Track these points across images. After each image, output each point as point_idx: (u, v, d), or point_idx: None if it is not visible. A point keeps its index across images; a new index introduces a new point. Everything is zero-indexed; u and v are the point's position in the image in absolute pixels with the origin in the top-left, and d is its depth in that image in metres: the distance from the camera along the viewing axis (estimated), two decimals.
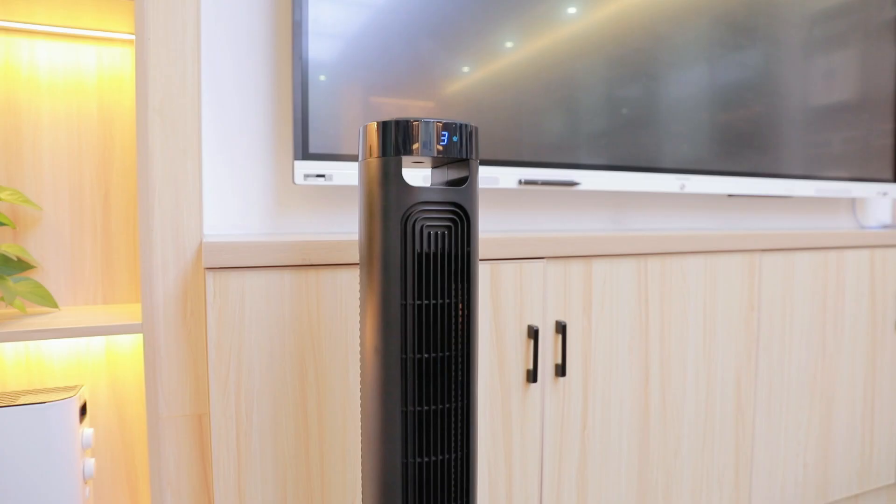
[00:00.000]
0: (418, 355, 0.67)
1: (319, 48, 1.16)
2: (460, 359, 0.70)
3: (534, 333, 1.07)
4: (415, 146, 0.66)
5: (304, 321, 0.94)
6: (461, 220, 0.69)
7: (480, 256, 1.03)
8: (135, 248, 1.20)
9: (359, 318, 0.78)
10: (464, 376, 0.70)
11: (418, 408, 0.68)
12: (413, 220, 0.66)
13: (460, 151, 0.69)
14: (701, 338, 1.27)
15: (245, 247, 0.90)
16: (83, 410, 1.06)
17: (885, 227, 1.91)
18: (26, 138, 1.13)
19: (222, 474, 0.92)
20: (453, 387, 0.69)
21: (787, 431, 1.41)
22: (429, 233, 0.67)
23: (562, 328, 1.10)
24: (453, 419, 0.70)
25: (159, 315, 1.00)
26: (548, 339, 1.11)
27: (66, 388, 1.06)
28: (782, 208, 1.85)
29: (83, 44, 1.15)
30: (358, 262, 0.96)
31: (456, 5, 1.25)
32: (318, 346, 0.95)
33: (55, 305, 1.08)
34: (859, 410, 1.52)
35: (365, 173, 0.69)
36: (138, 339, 1.20)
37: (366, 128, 0.69)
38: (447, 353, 0.69)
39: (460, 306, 0.69)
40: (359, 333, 0.78)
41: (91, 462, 1.06)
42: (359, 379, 0.98)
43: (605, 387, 1.17)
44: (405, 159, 0.70)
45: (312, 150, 1.16)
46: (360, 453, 0.99)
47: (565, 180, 1.37)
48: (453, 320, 0.69)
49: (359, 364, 0.98)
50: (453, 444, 0.70)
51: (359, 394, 0.99)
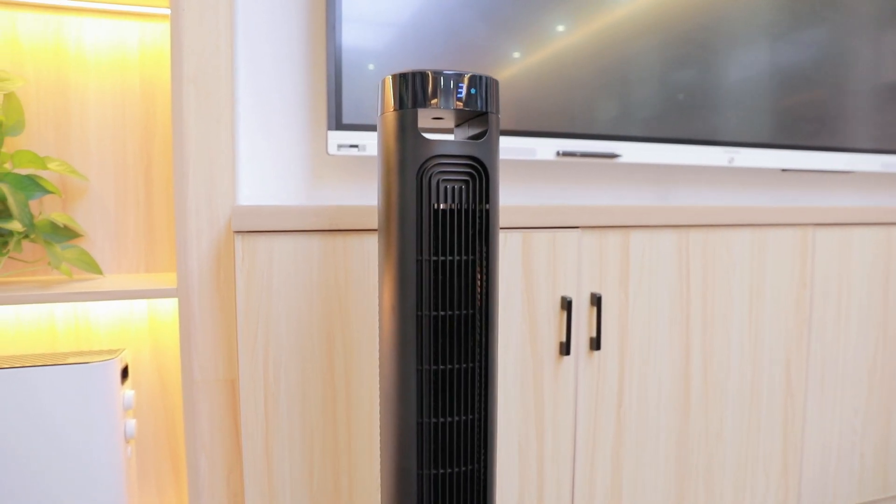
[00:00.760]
0: (434, 313, 0.66)
1: (353, 16, 1.15)
2: (479, 318, 0.68)
3: (567, 305, 1.04)
4: (432, 99, 0.65)
5: (331, 286, 0.94)
6: (479, 175, 0.67)
7: (511, 224, 1.01)
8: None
9: (377, 277, 0.77)
10: (483, 336, 0.68)
11: (434, 367, 0.67)
12: (429, 174, 0.65)
13: (479, 104, 0.67)
14: (747, 316, 1.21)
15: (272, 211, 0.90)
16: (125, 373, 1.10)
17: None
18: (74, 114, 1.17)
19: (250, 437, 0.94)
20: (472, 347, 0.68)
21: (843, 419, 1.33)
22: (445, 187, 0.66)
23: (597, 300, 1.06)
24: (471, 380, 0.68)
25: (194, 281, 1.02)
26: (582, 312, 1.08)
27: (109, 351, 1.10)
28: (842, 184, 1.74)
29: (126, 20, 1.18)
30: None
31: None
32: (346, 312, 0.95)
33: (100, 272, 1.12)
34: None
35: (382, 128, 0.68)
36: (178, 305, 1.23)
37: (384, 81, 0.68)
38: (465, 312, 0.67)
39: (479, 265, 0.67)
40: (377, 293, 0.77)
41: (132, 423, 1.10)
42: None
43: (642, 363, 1.13)
44: (424, 115, 0.69)
45: (346, 120, 1.16)
46: None
47: (606, 152, 1.33)
48: (471, 278, 0.67)
49: None
50: (471, 406, 0.68)
51: None
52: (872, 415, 1.36)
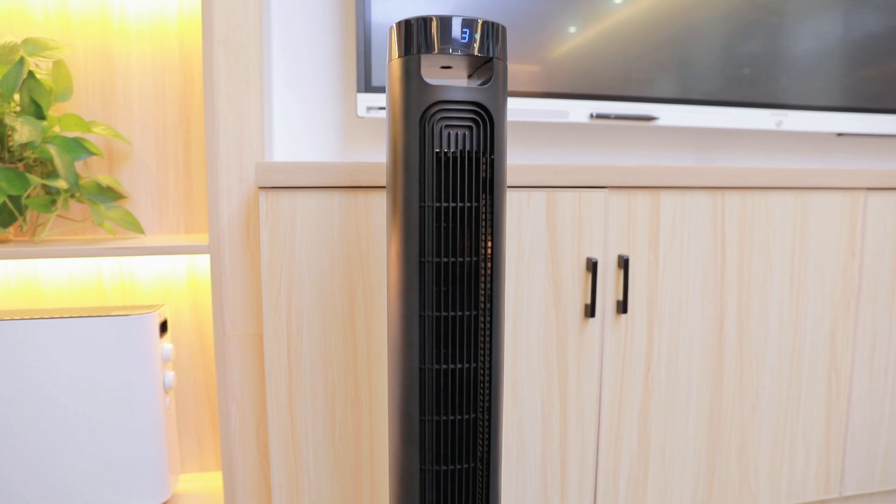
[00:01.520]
0: (436, 259, 0.66)
1: None
2: (485, 266, 0.68)
3: (592, 266, 1.02)
4: (436, 45, 0.65)
5: (352, 242, 0.96)
6: (483, 122, 0.66)
7: (535, 183, 1.00)
8: None
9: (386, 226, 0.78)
10: (489, 284, 0.68)
11: (436, 314, 0.67)
12: (432, 119, 0.65)
13: (484, 50, 0.66)
14: (788, 283, 1.16)
15: (295, 167, 0.92)
16: (164, 327, 1.16)
17: None
18: (118, 81, 1.22)
19: (274, 389, 0.97)
20: (477, 295, 0.68)
21: (894, 396, 1.26)
22: (449, 133, 0.65)
23: (624, 263, 1.04)
24: (476, 328, 0.68)
25: (224, 237, 1.05)
26: (609, 274, 1.06)
27: (149, 306, 1.15)
28: None
29: None
30: None
31: None
32: (367, 267, 0.97)
33: (141, 231, 1.17)
34: None
35: (389, 76, 0.68)
36: None
37: (390, 29, 0.68)
38: (471, 259, 0.67)
39: (484, 212, 0.67)
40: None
41: (171, 374, 1.15)
42: None
43: (672, 328, 1.10)
44: (431, 63, 0.69)
45: (375, 82, 1.17)
46: None
47: (642, 115, 1.29)
48: (476, 226, 0.67)
49: None
50: (476, 354, 0.69)
51: None
52: None
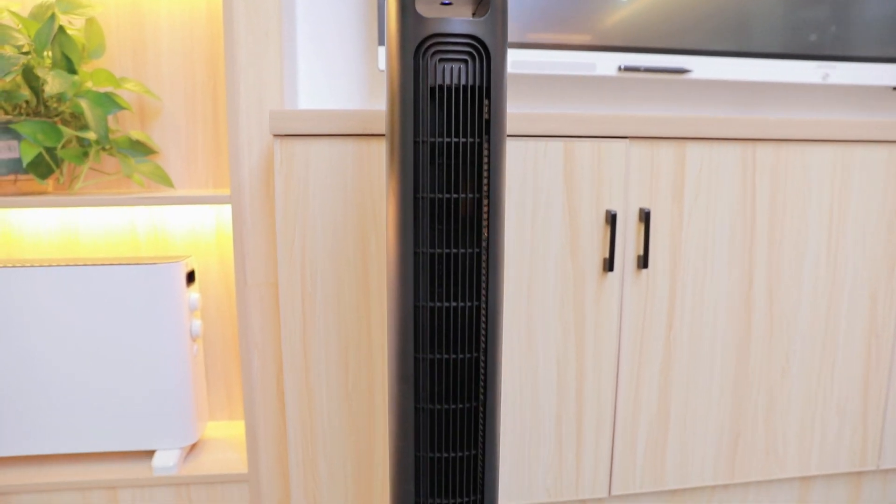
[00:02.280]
0: (431, 195, 0.66)
1: None
2: (483, 202, 0.67)
3: (611, 219, 1.00)
4: None
5: (365, 191, 0.96)
6: (480, 56, 0.65)
7: (551, 132, 0.97)
8: None
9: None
10: (488, 221, 0.67)
11: (431, 250, 0.67)
12: (427, 53, 0.64)
13: None
14: (825, 242, 1.10)
15: (309, 114, 0.93)
16: (191, 277, 1.19)
17: None
18: (149, 39, 1.25)
19: (288, 339, 0.99)
20: (473, 232, 0.67)
21: None
22: (444, 67, 0.64)
23: (645, 216, 1.01)
24: (474, 266, 0.68)
25: (245, 188, 1.07)
26: (629, 228, 1.03)
27: (176, 257, 1.19)
28: None
29: None
30: None
31: None
32: (379, 215, 0.97)
33: (171, 185, 1.21)
34: None
35: (388, 12, 0.67)
36: None
37: None
38: (471, 196, 0.66)
39: (482, 149, 0.66)
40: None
41: (198, 323, 1.19)
42: None
43: (697, 286, 1.07)
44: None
45: None
46: None
47: (674, 67, 1.23)
48: (473, 162, 0.66)
49: None
50: (473, 292, 0.68)
51: None
52: None
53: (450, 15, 0.74)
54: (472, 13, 0.74)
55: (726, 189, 1.05)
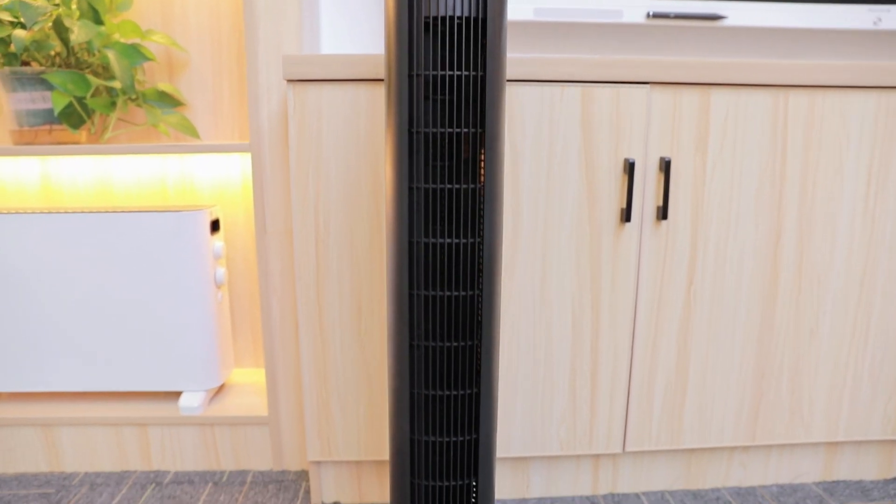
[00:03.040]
0: (425, 130, 0.65)
1: None
2: (480, 135, 0.65)
3: (629, 168, 0.97)
4: None
5: (378, 136, 0.96)
6: None
7: (568, 77, 0.95)
8: None
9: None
10: (484, 155, 0.66)
11: (426, 185, 0.66)
12: None
13: None
14: (862, 197, 1.04)
15: (320, 59, 0.92)
16: (216, 226, 1.22)
17: None
18: None
19: (303, 283, 1.00)
20: (472, 167, 0.66)
21: None
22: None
23: (665, 165, 0.97)
24: (471, 202, 0.67)
25: (264, 136, 1.09)
26: (649, 178, 1.00)
27: (200, 206, 1.22)
28: None
29: None
30: None
31: None
32: None
33: (197, 136, 1.23)
34: None
35: None
36: None
37: None
38: (467, 130, 0.65)
39: (479, 82, 0.64)
40: None
41: (222, 271, 1.23)
42: None
43: (720, 240, 1.03)
44: None
45: None
46: None
47: (707, 13, 1.17)
48: (470, 95, 0.65)
49: None
50: (470, 229, 0.67)
51: None
52: None
53: None
54: None
55: (755, 139, 1.00)
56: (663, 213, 0.99)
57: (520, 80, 0.94)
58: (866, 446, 1.18)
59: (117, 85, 1.10)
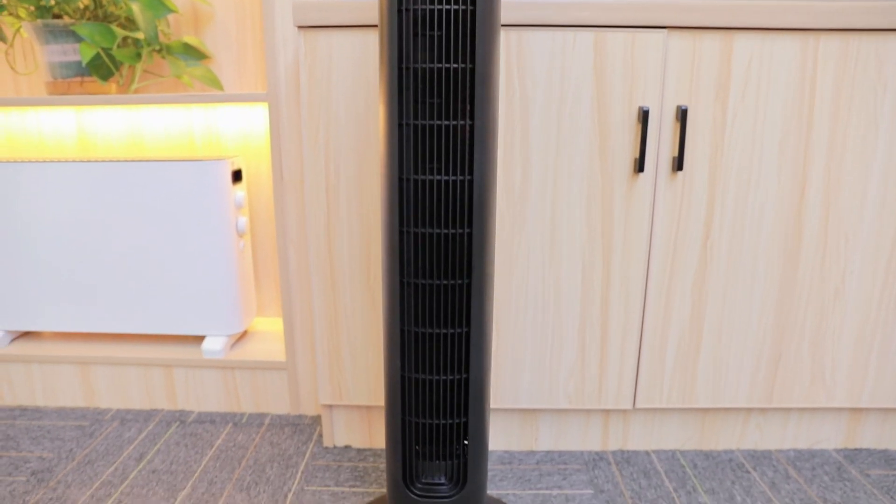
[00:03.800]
0: (415, 65, 0.64)
1: None
2: (468, 72, 0.65)
3: (643, 116, 0.94)
4: None
5: None
6: None
7: (579, 22, 0.92)
8: None
9: None
10: (475, 91, 0.65)
11: (415, 122, 0.66)
12: None
13: None
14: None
15: (329, 4, 0.92)
16: (237, 176, 1.25)
17: None
18: None
19: (314, 231, 1.02)
20: (459, 103, 0.65)
21: None
22: None
23: (682, 114, 0.94)
24: (461, 138, 0.66)
25: (280, 85, 1.10)
26: (665, 127, 0.97)
27: (223, 156, 1.25)
28: None
29: None
30: None
31: None
32: None
33: (221, 88, 1.26)
34: None
35: None
36: None
37: None
38: (458, 66, 0.65)
39: (469, 15, 0.63)
40: None
41: (244, 220, 1.26)
42: None
43: (739, 192, 0.99)
44: None
45: None
46: None
47: None
48: (456, 31, 0.64)
49: None
50: (461, 165, 0.67)
51: None
52: None
53: None
54: None
55: (780, 86, 0.95)
56: (679, 163, 0.96)
57: (529, 26, 0.92)
58: (893, 414, 1.14)
59: (139, 35, 1.13)
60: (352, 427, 1.15)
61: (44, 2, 1.13)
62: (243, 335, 1.36)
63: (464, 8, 0.63)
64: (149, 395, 1.28)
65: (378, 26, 0.68)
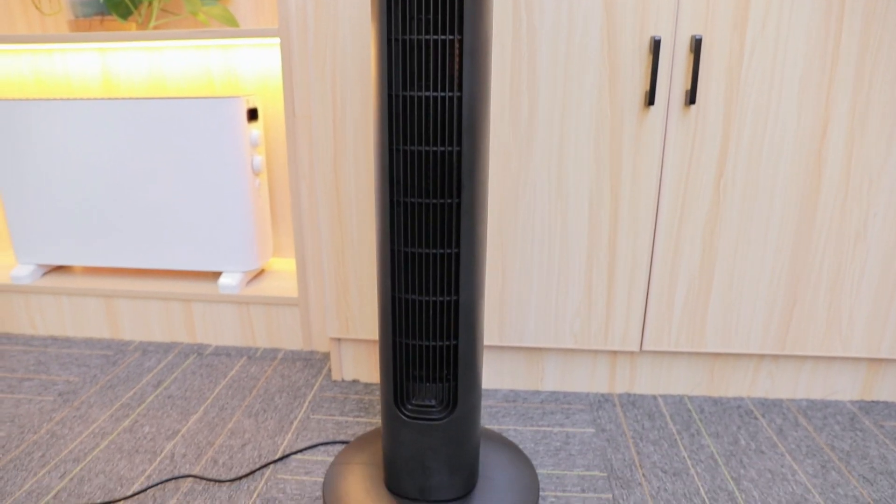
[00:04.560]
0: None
1: None
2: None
3: (654, 46, 0.91)
4: None
5: None
6: None
7: None
8: None
9: None
10: (467, 4, 0.64)
11: (405, 37, 0.65)
12: None
13: None
14: None
15: None
16: (253, 114, 1.27)
17: None
18: None
19: (321, 165, 1.02)
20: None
21: None
22: None
23: (696, 44, 0.90)
24: (448, 52, 0.65)
25: (292, 21, 1.10)
26: (678, 58, 0.93)
27: (238, 94, 1.26)
28: None
29: None
30: None
31: None
32: None
33: (236, 25, 1.26)
34: None
35: None
36: None
37: None
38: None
39: None
40: None
41: (259, 158, 1.27)
42: None
43: (756, 130, 0.95)
44: None
45: None
46: None
47: None
48: None
49: None
50: (449, 81, 0.66)
51: None
52: None
53: None
54: None
55: (804, 17, 0.91)
56: (691, 97, 0.93)
57: None
58: None
59: None
60: (359, 362, 1.17)
61: None
62: (260, 273, 1.39)
63: None
64: (169, 329, 1.33)
65: None
